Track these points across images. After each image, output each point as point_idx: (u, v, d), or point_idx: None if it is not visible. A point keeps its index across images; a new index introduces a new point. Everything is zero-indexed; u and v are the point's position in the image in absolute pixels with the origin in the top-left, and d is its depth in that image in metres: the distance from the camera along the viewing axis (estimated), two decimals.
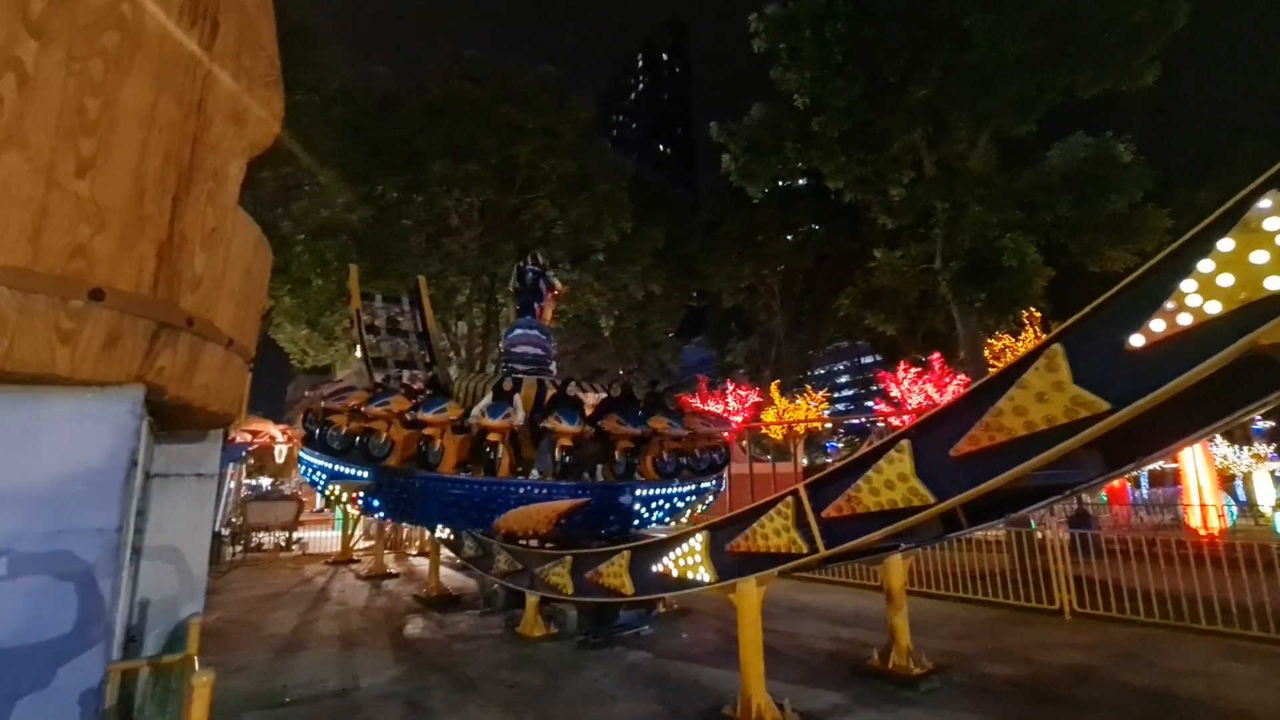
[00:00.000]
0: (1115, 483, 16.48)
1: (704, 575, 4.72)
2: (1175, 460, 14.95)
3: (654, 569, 5.15)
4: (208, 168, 2.76)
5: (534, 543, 7.60)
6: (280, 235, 18.15)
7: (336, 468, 8.21)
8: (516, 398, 8.22)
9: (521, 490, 7.60)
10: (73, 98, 2.24)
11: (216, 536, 12.49)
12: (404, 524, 9.78)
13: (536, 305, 10.85)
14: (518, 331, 10.41)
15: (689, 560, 4.83)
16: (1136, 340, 2.73)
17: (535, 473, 7.82)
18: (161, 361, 2.54)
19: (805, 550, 4.10)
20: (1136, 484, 20.70)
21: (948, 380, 19.55)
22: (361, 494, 8.14)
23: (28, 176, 2.13)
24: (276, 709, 4.85)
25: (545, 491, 7.60)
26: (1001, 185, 11.00)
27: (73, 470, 2.29)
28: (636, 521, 8.09)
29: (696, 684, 5.29)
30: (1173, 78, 11.45)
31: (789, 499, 4.22)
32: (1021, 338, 18.17)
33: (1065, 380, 2.93)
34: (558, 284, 11.54)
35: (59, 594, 2.23)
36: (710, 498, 9.43)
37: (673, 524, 8.75)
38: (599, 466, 8.16)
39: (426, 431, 7.73)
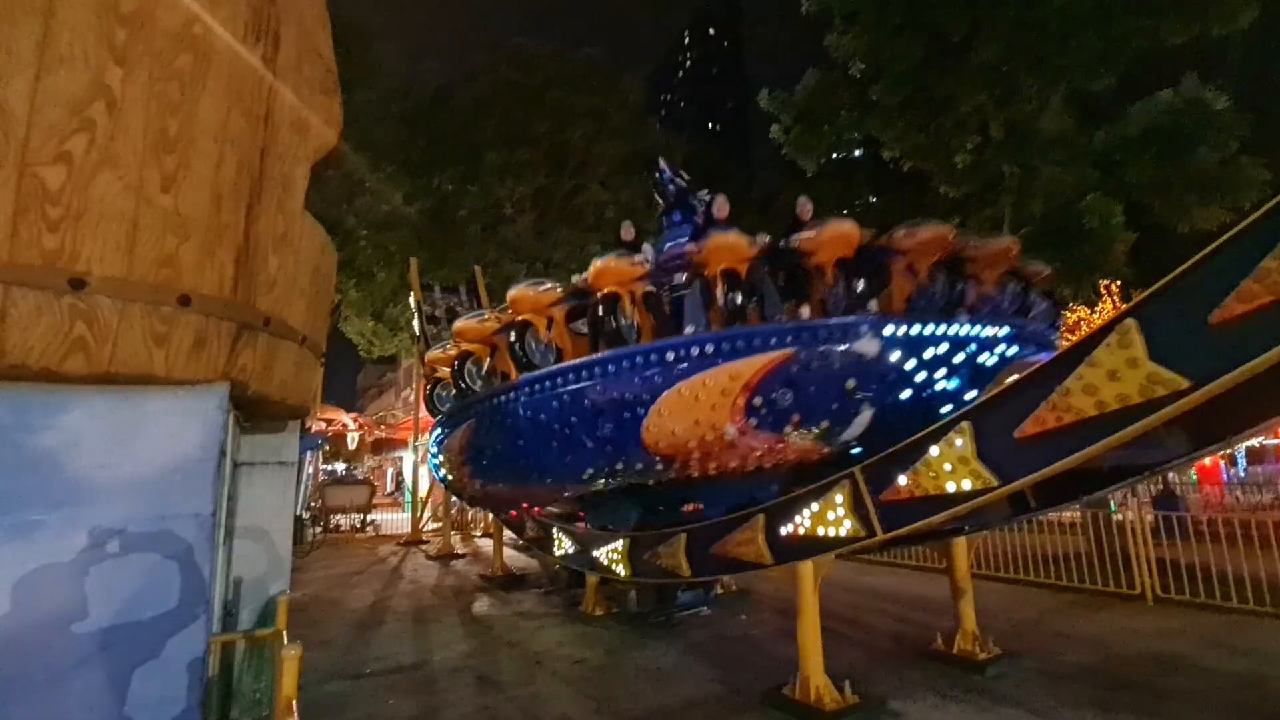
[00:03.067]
0: (1206, 461, 15.42)
1: (761, 558, 4.73)
2: (1276, 436, 13.85)
3: (711, 551, 5.19)
4: (276, 176, 2.93)
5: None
6: (345, 231, 18.94)
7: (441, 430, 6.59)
8: (646, 245, 5.73)
9: (678, 353, 4.63)
10: (155, 118, 2.42)
11: (298, 519, 13.37)
12: (508, 492, 6.76)
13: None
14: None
15: (746, 543, 4.85)
16: (1220, 313, 2.55)
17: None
18: (243, 360, 2.74)
19: (863, 534, 4.05)
20: (1232, 461, 19.29)
21: None
22: (464, 456, 6.31)
23: (120, 193, 2.33)
24: (357, 680, 5.19)
25: (717, 348, 4.54)
26: (1077, 145, 10.30)
27: (171, 461, 2.51)
28: (907, 394, 4.77)
29: (756, 664, 5.34)
30: (1274, 17, 10.37)
31: (845, 482, 4.17)
32: (1098, 309, 17.10)
33: (1140, 356, 2.77)
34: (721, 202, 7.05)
35: (165, 573, 2.46)
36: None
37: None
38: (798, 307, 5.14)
39: (524, 318, 5.30)
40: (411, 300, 15.04)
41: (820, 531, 4.28)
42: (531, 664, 5.48)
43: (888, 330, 4.57)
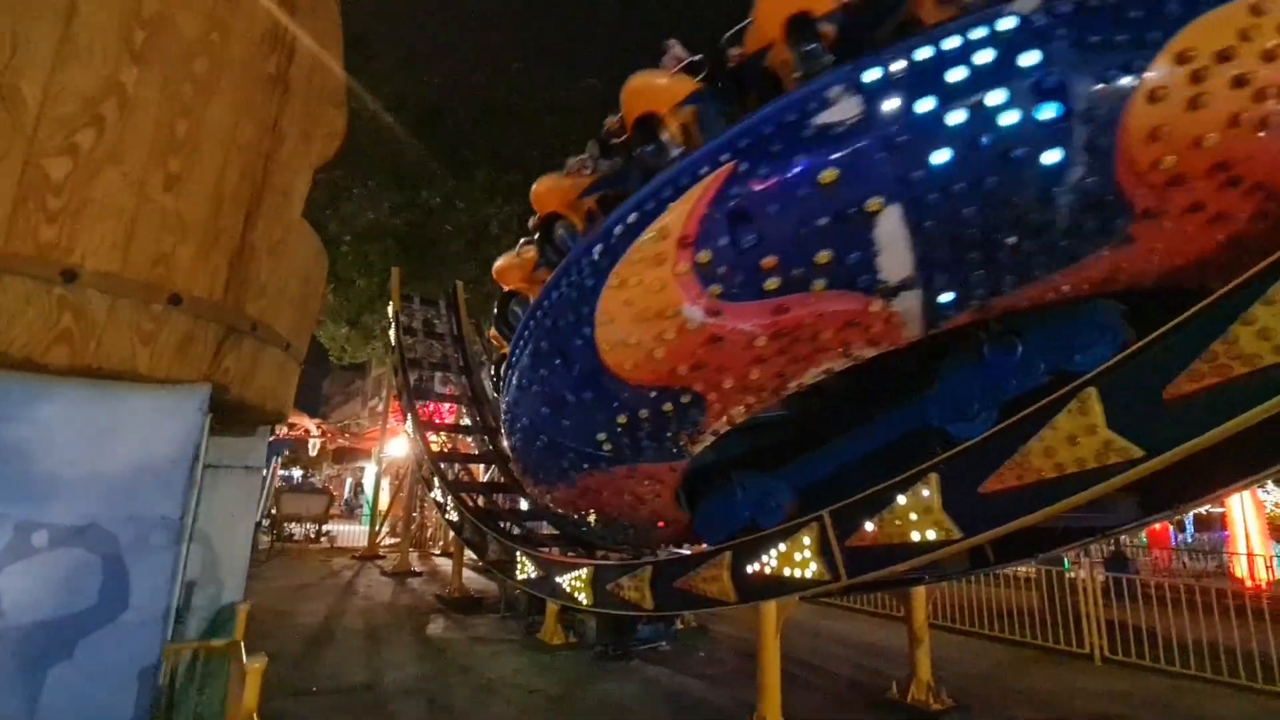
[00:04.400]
0: (1156, 525, 15.91)
1: (725, 595, 4.74)
2: (1222, 505, 14.39)
3: (675, 585, 5.19)
4: (278, 183, 2.96)
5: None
6: (328, 236, 18.75)
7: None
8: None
9: (601, 242, 3.70)
10: (166, 119, 2.45)
11: (255, 526, 12.92)
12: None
13: None
14: None
15: (711, 579, 4.86)
16: (1173, 388, 2.71)
17: None
18: (227, 363, 2.72)
19: (827, 577, 4.10)
20: (1180, 527, 19.92)
21: None
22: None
23: (123, 190, 2.34)
24: (304, 697, 5.02)
25: (639, 212, 3.53)
26: None
27: (145, 460, 2.47)
28: (944, 157, 3.00)
29: (712, 703, 5.31)
30: None
31: (813, 524, 4.24)
32: None
33: (1099, 424, 2.91)
34: None
35: (125, 576, 2.40)
36: None
37: None
38: None
39: (583, 207, 4.30)
40: (390, 310, 14.93)
41: (786, 572, 4.32)
42: (486, 691, 5.37)
43: (871, 75, 3.06)
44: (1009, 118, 2.96)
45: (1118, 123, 2.89)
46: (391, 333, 14.43)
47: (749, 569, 4.57)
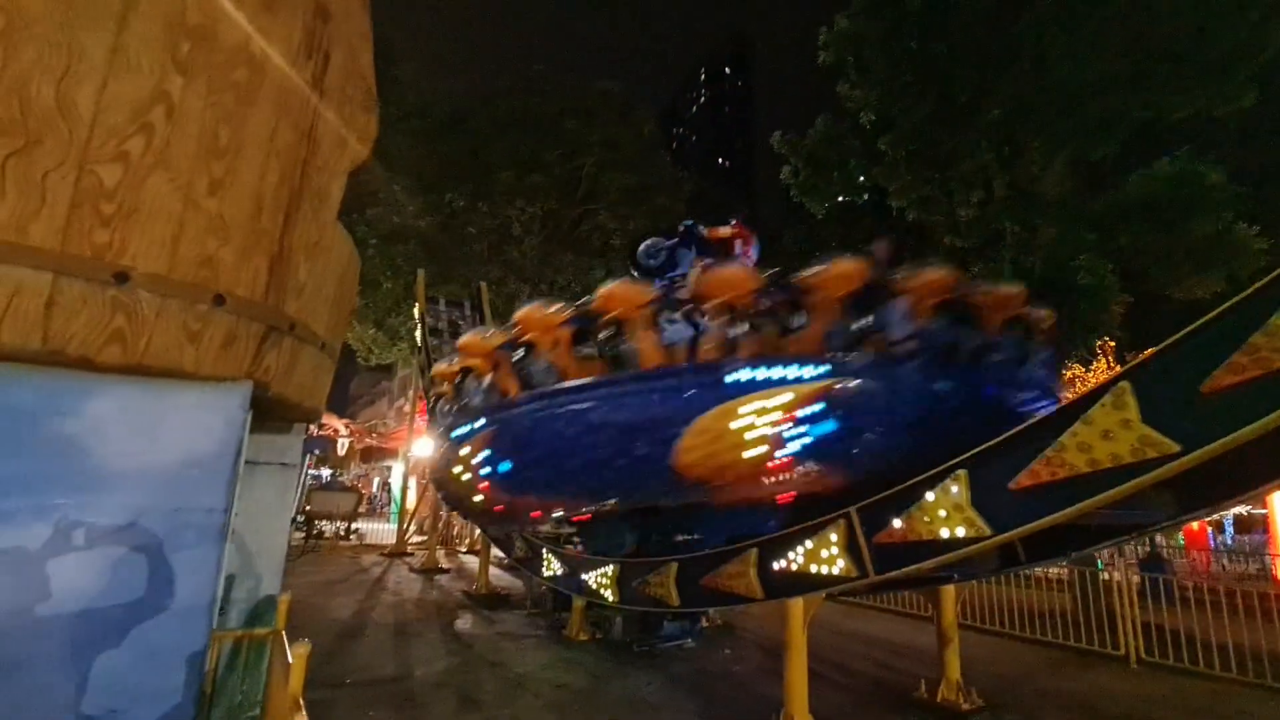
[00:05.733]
0: (1194, 525, 15.48)
1: (751, 592, 4.75)
2: (1264, 506, 13.93)
3: (701, 582, 5.21)
4: (314, 187, 3.05)
5: None
6: (355, 239, 19.08)
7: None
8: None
9: (721, 378, 4.52)
10: (209, 126, 2.54)
11: (291, 523, 13.18)
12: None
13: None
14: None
15: (737, 576, 4.87)
16: (1211, 382, 2.66)
17: None
18: (268, 361, 2.81)
19: (855, 574, 4.09)
20: (1220, 528, 19.35)
21: None
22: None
23: (170, 195, 2.43)
24: (337, 689, 5.14)
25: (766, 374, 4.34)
26: (1077, 209, 10.60)
27: (191, 455, 2.57)
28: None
29: (738, 701, 5.31)
30: (1272, 100, 10.77)
31: (840, 521, 4.23)
32: (1093, 368, 17.31)
33: (1133, 418, 2.87)
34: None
35: (174, 565, 2.49)
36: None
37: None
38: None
39: (527, 339, 5.46)
40: (415, 311, 15.16)
41: (813, 569, 4.32)
42: (514, 685, 5.44)
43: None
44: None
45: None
46: (418, 334, 14.66)
47: (776, 565, 4.58)
